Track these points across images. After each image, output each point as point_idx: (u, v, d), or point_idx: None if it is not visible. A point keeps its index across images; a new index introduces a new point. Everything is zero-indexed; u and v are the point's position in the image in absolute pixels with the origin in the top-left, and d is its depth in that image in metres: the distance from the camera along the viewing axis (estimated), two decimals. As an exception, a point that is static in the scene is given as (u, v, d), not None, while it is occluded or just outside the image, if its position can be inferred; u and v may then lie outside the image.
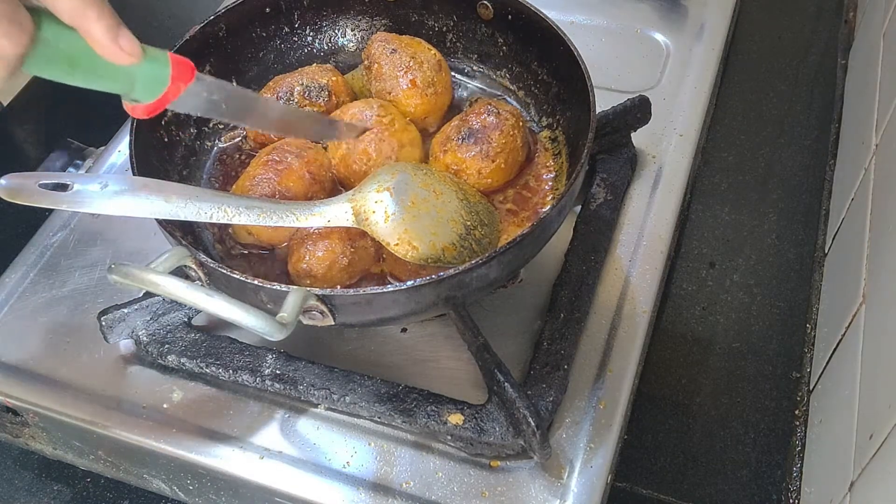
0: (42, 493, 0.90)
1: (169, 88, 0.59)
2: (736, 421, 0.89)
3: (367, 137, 0.83)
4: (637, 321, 0.85)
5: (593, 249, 0.88)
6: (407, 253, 0.74)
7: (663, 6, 1.18)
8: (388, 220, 0.74)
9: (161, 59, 0.58)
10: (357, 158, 0.84)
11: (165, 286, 0.62)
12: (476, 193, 0.83)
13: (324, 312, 0.69)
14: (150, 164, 0.81)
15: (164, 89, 0.58)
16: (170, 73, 0.58)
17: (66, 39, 0.53)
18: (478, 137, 0.84)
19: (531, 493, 0.74)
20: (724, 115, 1.17)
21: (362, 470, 0.77)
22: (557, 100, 0.90)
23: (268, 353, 0.81)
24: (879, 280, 0.78)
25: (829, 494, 0.75)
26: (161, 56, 0.58)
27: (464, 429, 0.74)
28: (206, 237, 0.85)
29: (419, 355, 0.84)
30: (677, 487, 0.85)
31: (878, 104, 0.96)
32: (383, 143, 0.83)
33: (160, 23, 1.38)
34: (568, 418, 0.79)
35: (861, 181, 0.93)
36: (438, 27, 0.99)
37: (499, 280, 0.75)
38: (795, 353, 0.94)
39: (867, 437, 0.69)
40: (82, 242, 0.96)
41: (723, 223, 1.06)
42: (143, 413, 0.82)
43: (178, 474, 0.83)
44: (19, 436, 0.89)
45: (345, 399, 0.78)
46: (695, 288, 0.99)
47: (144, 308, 0.83)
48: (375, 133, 0.83)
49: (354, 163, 0.84)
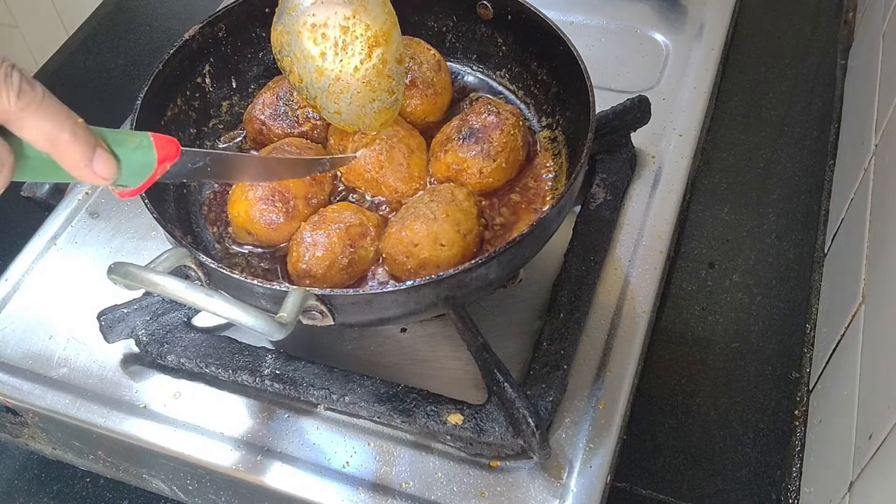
0: (42, 493, 0.90)
1: (156, 170, 0.58)
2: (735, 421, 0.89)
3: (378, 147, 0.83)
4: (636, 321, 0.85)
5: (593, 249, 0.88)
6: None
7: (663, 6, 1.18)
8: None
9: (146, 146, 0.57)
10: (369, 167, 0.84)
11: (165, 286, 0.62)
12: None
13: (323, 312, 0.69)
14: (149, 164, 0.81)
15: (151, 173, 0.58)
16: (156, 156, 0.57)
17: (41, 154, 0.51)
18: (478, 137, 0.84)
19: (530, 493, 0.74)
20: (724, 115, 1.17)
21: (362, 470, 0.77)
22: (557, 100, 0.90)
23: (267, 353, 0.81)
24: (879, 280, 0.78)
25: (829, 494, 0.75)
26: (145, 142, 0.57)
27: (463, 429, 0.74)
28: (205, 237, 0.85)
29: (419, 355, 0.84)
30: (677, 487, 0.85)
31: (878, 104, 0.96)
32: (394, 150, 0.83)
33: (160, 23, 1.38)
34: (567, 418, 0.79)
35: (861, 181, 0.93)
36: (438, 27, 0.99)
37: (498, 280, 0.75)
38: (795, 353, 0.94)
39: (867, 437, 0.69)
40: (82, 242, 0.96)
41: (722, 223, 1.06)
42: (142, 413, 0.82)
43: (177, 474, 0.83)
44: (19, 436, 0.89)
45: (344, 399, 0.78)
46: (694, 288, 0.99)
47: (144, 308, 0.83)
48: (385, 140, 0.83)
49: (367, 172, 0.84)
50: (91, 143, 0.51)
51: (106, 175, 0.53)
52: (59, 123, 0.49)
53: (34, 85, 0.49)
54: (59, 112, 0.49)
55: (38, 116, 0.49)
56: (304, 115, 0.90)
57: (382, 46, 0.78)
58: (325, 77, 0.79)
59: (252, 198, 0.81)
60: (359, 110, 0.80)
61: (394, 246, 0.79)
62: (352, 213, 0.81)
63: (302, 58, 0.79)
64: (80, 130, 0.50)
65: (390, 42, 0.78)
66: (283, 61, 0.81)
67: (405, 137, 0.85)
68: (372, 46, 0.78)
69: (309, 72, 0.79)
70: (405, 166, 0.84)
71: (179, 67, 0.88)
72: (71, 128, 0.50)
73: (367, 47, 0.77)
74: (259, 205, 0.81)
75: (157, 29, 1.37)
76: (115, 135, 0.55)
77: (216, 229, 0.86)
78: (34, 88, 0.49)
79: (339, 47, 0.77)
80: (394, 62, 0.80)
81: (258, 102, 0.91)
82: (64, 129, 0.50)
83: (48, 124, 0.49)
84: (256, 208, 0.81)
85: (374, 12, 0.77)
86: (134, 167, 0.56)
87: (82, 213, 0.99)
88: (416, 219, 0.78)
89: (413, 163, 0.85)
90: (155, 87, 0.84)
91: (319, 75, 0.79)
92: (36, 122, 0.49)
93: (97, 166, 0.52)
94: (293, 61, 0.80)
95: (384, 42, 0.78)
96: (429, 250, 0.76)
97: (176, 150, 0.59)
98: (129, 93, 0.85)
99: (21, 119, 0.48)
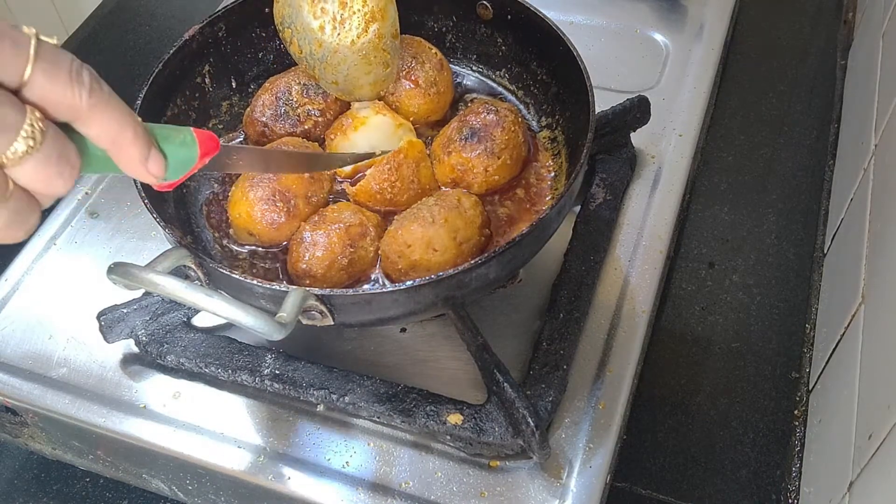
0: (42, 493, 0.90)
1: (196, 164, 0.58)
2: (735, 421, 0.89)
3: (385, 167, 0.83)
4: (636, 321, 0.85)
5: (593, 249, 0.88)
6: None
7: (663, 6, 1.18)
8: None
9: (189, 142, 0.57)
10: (381, 189, 0.83)
11: (165, 286, 0.62)
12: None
13: (323, 312, 0.69)
14: (149, 164, 0.81)
15: (192, 167, 0.58)
16: (198, 152, 0.58)
17: (102, 150, 0.51)
18: (480, 136, 0.84)
19: (530, 493, 0.74)
20: (724, 115, 1.17)
21: (361, 470, 0.77)
22: (557, 100, 0.90)
23: (267, 353, 0.81)
24: (879, 280, 0.78)
25: (829, 494, 0.75)
26: (189, 138, 0.57)
27: (463, 429, 0.74)
28: (205, 237, 0.85)
29: (418, 355, 0.84)
30: (676, 487, 0.85)
31: (878, 104, 0.96)
32: (402, 168, 0.83)
33: (160, 23, 1.38)
34: (567, 418, 0.79)
35: (860, 181, 0.93)
36: (438, 27, 0.99)
37: (498, 280, 0.75)
38: (795, 353, 0.94)
39: (866, 437, 0.69)
40: (81, 242, 0.96)
41: (722, 223, 1.06)
42: (142, 413, 0.82)
43: (177, 474, 0.83)
44: (19, 436, 0.89)
45: (344, 399, 0.78)
46: (694, 288, 0.99)
47: (144, 308, 0.83)
48: (391, 159, 0.83)
49: (378, 193, 0.83)
50: (148, 142, 0.52)
51: (157, 173, 0.53)
52: (123, 123, 0.49)
53: (102, 83, 0.49)
54: (124, 112, 0.50)
55: (106, 115, 0.48)
56: (304, 114, 0.90)
57: (378, 22, 0.81)
58: (324, 49, 0.82)
59: (253, 198, 0.81)
60: (355, 81, 0.84)
61: (389, 244, 0.79)
62: (352, 213, 0.81)
63: (302, 30, 0.82)
64: (140, 129, 0.51)
65: (386, 18, 0.81)
66: (285, 32, 0.85)
67: (406, 149, 0.84)
68: (368, 21, 0.80)
69: (308, 44, 0.82)
70: (416, 182, 0.84)
71: (179, 67, 0.88)
72: (133, 127, 0.50)
73: (363, 22, 0.80)
74: (260, 205, 0.81)
75: (157, 29, 1.37)
76: (161, 130, 0.55)
77: (216, 229, 0.86)
78: (102, 87, 0.48)
79: (337, 21, 0.80)
80: (389, 37, 0.82)
81: (257, 104, 0.90)
82: (127, 127, 0.50)
83: (115, 124, 0.49)
84: (258, 208, 0.81)
85: None
86: (178, 162, 0.56)
87: (82, 213, 0.99)
88: (414, 220, 0.78)
89: (422, 175, 0.85)
90: (155, 87, 0.84)
91: (318, 47, 0.82)
92: (103, 120, 0.49)
93: (151, 165, 0.53)
94: (294, 33, 0.83)
95: (380, 18, 0.81)
96: (420, 253, 0.76)
97: (216, 146, 0.59)
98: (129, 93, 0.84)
99: (90, 118, 0.48)
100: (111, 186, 1.01)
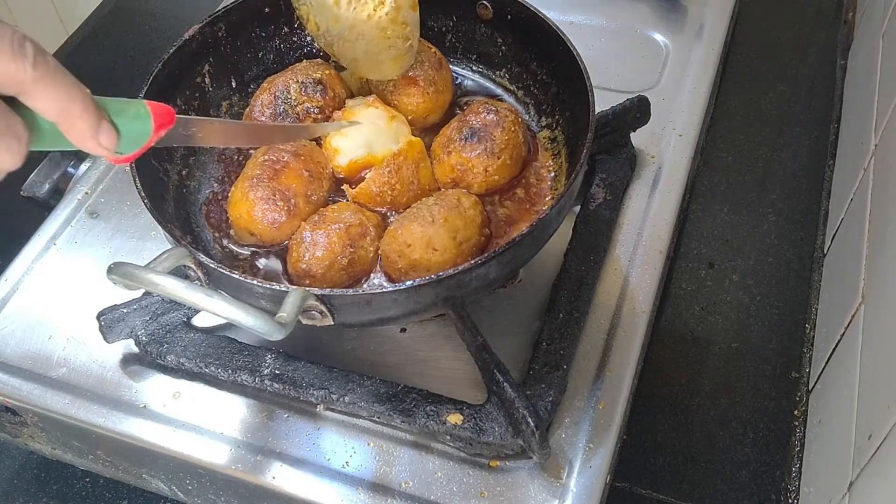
0: (42, 493, 0.90)
1: (151, 138, 0.59)
2: (735, 421, 0.89)
3: (386, 170, 0.83)
4: (636, 321, 0.85)
5: (592, 249, 0.88)
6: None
7: (663, 6, 1.18)
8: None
9: (143, 115, 0.57)
10: (381, 192, 0.83)
11: (165, 286, 0.62)
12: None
13: (323, 312, 0.69)
14: (148, 165, 0.81)
15: (147, 140, 0.58)
16: (153, 125, 0.58)
17: (50, 124, 0.51)
18: (480, 136, 0.84)
19: (530, 493, 0.74)
20: (724, 115, 1.17)
21: (361, 470, 0.77)
22: (557, 100, 0.90)
23: (267, 353, 0.81)
24: (878, 280, 0.78)
25: (828, 494, 0.75)
26: (143, 111, 0.57)
27: (463, 429, 0.74)
28: (205, 237, 0.85)
29: (418, 355, 0.84)
30: (676, 487, 0.85)
31: (878, 104, 0.96)
32: (402, 170, 0.83)
33: (160, 23, 1.38)
34: (567, 418, 0.79)
35: (860, 181, 0.93)
36: (438, 27, 0.99)
37: (498, 280, 0.75)
38: (794, 353, 0.94)
39: (866, 437, 0.69)
40: (81, 242, 0.96)
41: (722, 223, 1.06)
42: (142, 413, 0.82)
43: (177, 474, 0.83)
44: (18, 436, 0.89)
45: (344, 399, 0.78)
46: (694, 288, 0.99)
47: (143, 308, 0.83)
48: (391, 161, 0.83)
49: (378, 195, 0.83)
50: (97, 115, 0.51)
51: (109, 146, 0.53)
52: (71, 95, 0.49)
53: (47, 55, 0.48)
54: (71, 84, 0.49)
55: (52, 87, 0.48)
56: (304, 111, 0.90)
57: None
58: (341, 24, 0.80)
59: (253, 198, 0.81)
60: (374, 57, 0.82)
61: (389, 244, 0.79)
62: (352, 213, 0.81)
63: (318, 6, 0.81)
64: (89, 101, 0.50)
65: None
66: (301, 10, 0.84)
67: (406, 150, 0.84)
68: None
69: (325, 19, 0.81)
70: (416, 183, 0.84)
71: (179, 67, 0.88)
72: (81, 99, 0.50)
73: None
74: (260, 205, 0.81)
75: (156, 29, 1.37)
76: (114, 104, 0.55)
77: (216, 229, 0.86)
78: (47, 59, 0.48)
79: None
80: (407, 8, 0.80)
81: (256, 105, 0.90)
82: (75, 100, 0.49)
83: (62, 95, 0.49)
84: (258, 208, 0.81)
85: None
86: (132, 136, 0.56)
87: (82, 213, 0.99)
88: (414, 220, 0.78)
89: (422, 175, 0.85)
90: (155, 87, 0.84)
91: (335, 23, 0.81)
92: (50, 92, 0.48)
93: (101, 138, 0.52)
94: (310, 10, 0.82)
95: None
96: (420, 252, 0.76)
97: (171, 118, 0.59)
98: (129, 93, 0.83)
99: (35, 90, 0.48)
100: (111, 186, 1.01)
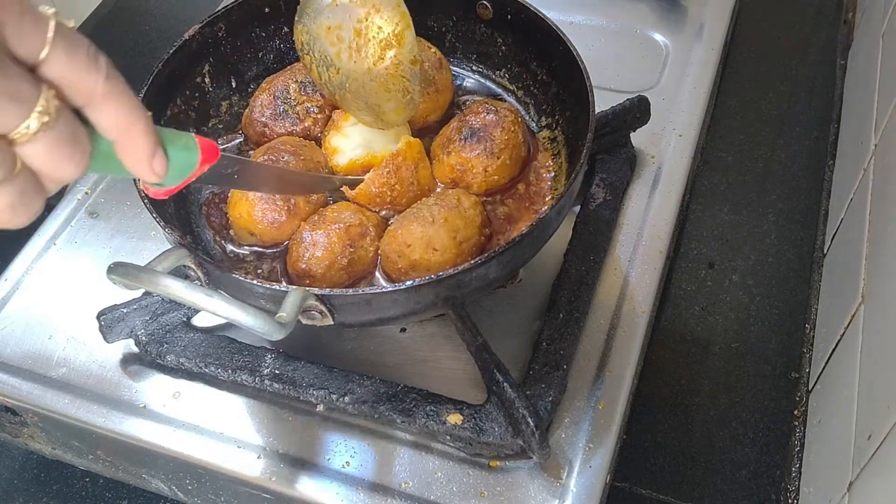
0: (41, 493, 0.90)
1: (195, 171, 0.57)
2: (735, 421, 0.89)
3: (384, 170, 0.83)
4: (636, 321, 0.85)
5: (592, 249, 0.88)
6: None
7: (663, 6, 1.18)
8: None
9: (191, 147, 0.56)
10: (381, 192, 0.83)
11: (165, 286, 0.62)
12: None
13: (323, 312, 0.69)
14: (149, 164, 0.81)
15: (191, 174, 0.57)
16: (199, 159, 0.56)
17: (107, 143, 0.50)
18: (480, 136, 0.84)
19: (530, 493, 0.74)
20: (724, 115, 1.17)
21: (361, 470, 0.77)
22: (557, 100, 0.90)
23: (267, 353, 0.81)
24: (878, 280, 0.78)
25: (828, 494, 0.75)
26: (191, 143, 0.56)
27: (463, 429, 0.74)
28: (205, 237, 0.85)
29: (418, 355, 0.84)
30: (676, 487, 0.85)
31: (878, 104, 0.96)
32: (400, 170, 0.83)
33: (160, 23, 1.38)
34: (567, 418, 0.79)
35: (860, 181, 0.93)
36: (438, 27, 0.99)
37: (498, 280, 0.75)
38: (794, 353, 0.94)
39: (866, 437, 0.69)
40: (81, 242, 0.96)
41: (722, 223, 1.06)
42: (142, 413, 0.82)
43: (176, 474, 0.83)
44: (18, 436, 0.89)
45: (344, 399, 0.78)
46: (694, 288, 0.99)
47: (143, 308, 0.83)
48: (389, 161, 0.83)
49: (378, 196, 0.83)
50: (155, 139, 0.50)
51: (161, 172, 0.52)
52: (135, 115, 0.48)
53: (117, 72, 0.48)
54: (137, 104, 0.48)
55: (119, 103, 0.47)
56: (303, 111, 0.90)
57: (395, 48, 0.79)
58: (342, 76, 0.81)
59: (253, 198, 0.81)
60: (377, 108, 0.83)
61: (389, 244, 0.79)
62: (351, 213, 0.81)
63: (320, 57, 0.82)
64: (150, 125, 0.49)
65: (403, 44, 0.80)
66: (305, 59, 0.85)
67: (405, 151, 0.84)
68: (384, 48, 0.79)
69: (327, 70, 0.83)
70: (415, 184, 0.84)
71: (179, 67, 0.88)
72: (144, 121, 0.49)
73: (379, 49, 0.79)
74: (261, 205, 0.81)
75: (156, 29, 1.37)
76: (165, 132, 0.54)
77: (216, 229, 0.86)
78: (118, 75, 0.47)
79: (353, 49, 0.79)
80: (408, 63, 0.81)
81: (256, 105, 0.90)
82: (138, 120, 0.48)
83: (127, 113, 0.48)
84: (258, 208, 0.81)
85: (386, 15, 0.79)
86: (179, 167, 0.55)
87: (82, 213, 0.99)
88: (414, 220, 0.78)
89: (421, 176, 0.85)
90: (155, 87, 0.84)
91: (336, 74, 0.82)
92: (117, 108, 0.47)
93: (155, 163, 0.51)
94: (313, 60, 0.83)
95: (397, 44, 0.79)
96: (420, 252, 0.76)
97: (216, 154, 0.58)
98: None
99: (104, 104, 0.47)
100: (111, 186, 1.01)
